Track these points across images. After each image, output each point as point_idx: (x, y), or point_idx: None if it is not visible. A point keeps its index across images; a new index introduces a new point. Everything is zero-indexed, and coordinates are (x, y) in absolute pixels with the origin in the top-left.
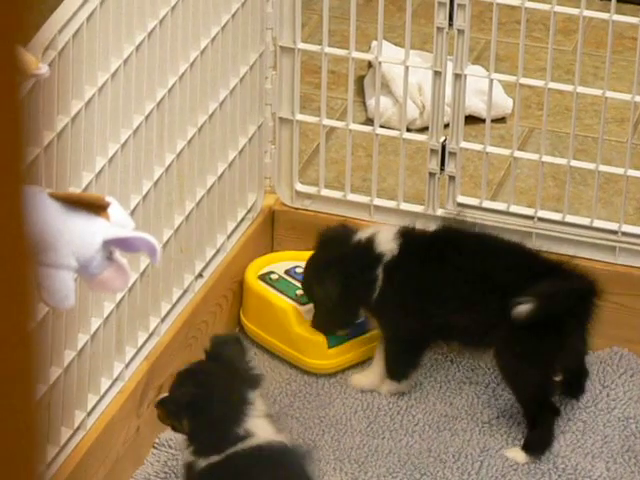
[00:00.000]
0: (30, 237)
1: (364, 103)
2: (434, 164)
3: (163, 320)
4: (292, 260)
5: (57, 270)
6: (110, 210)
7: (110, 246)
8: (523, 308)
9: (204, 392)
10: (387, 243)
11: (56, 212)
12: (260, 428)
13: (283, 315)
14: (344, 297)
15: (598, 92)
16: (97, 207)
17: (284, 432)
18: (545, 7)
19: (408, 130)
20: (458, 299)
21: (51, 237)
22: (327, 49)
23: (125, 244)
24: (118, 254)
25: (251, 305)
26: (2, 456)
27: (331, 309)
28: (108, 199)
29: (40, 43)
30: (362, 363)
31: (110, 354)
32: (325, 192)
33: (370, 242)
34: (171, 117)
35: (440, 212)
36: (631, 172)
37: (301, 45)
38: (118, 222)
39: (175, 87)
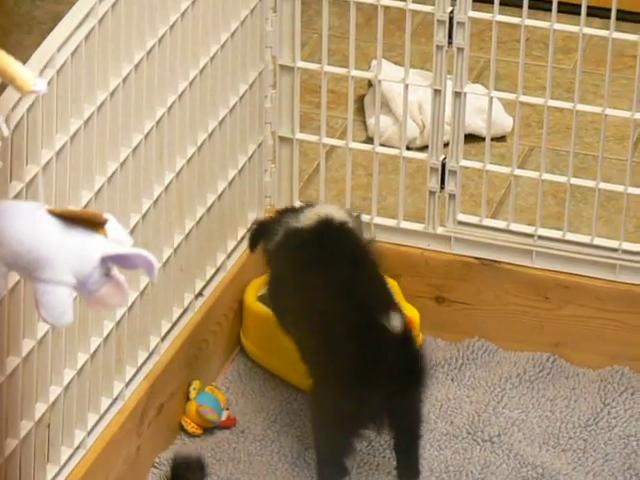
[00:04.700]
0: None
1: (364, 122)
2: (434, 182)
3: (163, 339)
4: None
5: (55, 286)
6: (108, 227)
7: (108, 263)
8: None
9: None
10: None
11: (54, 228)
12: None
13: (283, 336)
14: None
15: (598, 110)
16: (95, 223)
17: None
18: (544, 24)
19: (408, 149)
20: None
21: (48, 253)
22: (327, 67)
23: (123, 261)
24: (116, 271)
25: (251, 326)
26: None
27: None
28: (106, 216)
29: (38, 62)
30: None
31: (110, 373)
32: None
33: None
34: (170, 136)
35: (440, 230)
36: (631, 190)
37: (300, 64)
38: (116, 239)
39: (174, 106)
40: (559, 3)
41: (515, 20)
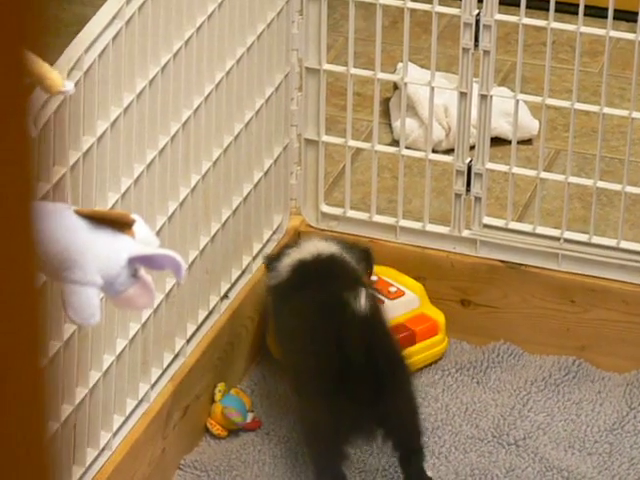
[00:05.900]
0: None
1: (390, 125)
2: (460, 185)
3: (189, 341)
4: None
5: (82, 287)
6: (135, 227)
7: (135, 263)
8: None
9: None
10: None
11: (81, 229)
12: None
13: None
14: None
15: (624, 113)
16: (122, 224)
17: None
18: (571, 27)
19: (434, 152)
20: None
21: (77, 254)
22: (353, 70)
23: (150, 261)
24: (143, 271)
25: None
26: None
27: None
28: (133, 216)
29: (66, 63)
30: None
31: (136, 375)
32: (351, 213)
33: None
34: (197, 138)
35: (466, 233)
36: None
37: (327, 66)
38: (143, 239)
39: (201, 108)
40: (586, 6)
41: (541, 23)
